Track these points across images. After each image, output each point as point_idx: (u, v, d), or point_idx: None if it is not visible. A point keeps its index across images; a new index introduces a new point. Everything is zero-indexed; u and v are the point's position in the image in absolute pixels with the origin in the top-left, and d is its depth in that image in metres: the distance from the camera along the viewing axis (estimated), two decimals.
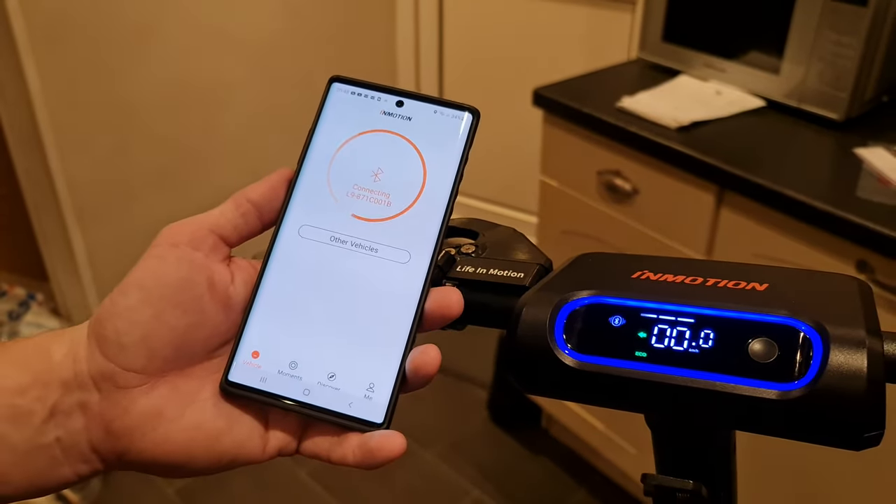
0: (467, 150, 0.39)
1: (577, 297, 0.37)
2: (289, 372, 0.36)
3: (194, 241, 0.36)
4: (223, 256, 0.37)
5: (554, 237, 1.59)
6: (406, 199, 0.38)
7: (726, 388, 0.33)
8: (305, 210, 0.38)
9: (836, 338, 0.32)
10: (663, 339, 0.35)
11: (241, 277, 0.37)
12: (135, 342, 0.34)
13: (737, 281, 0.37)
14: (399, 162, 0.38)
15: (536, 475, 1.81)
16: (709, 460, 0.38)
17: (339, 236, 0.38)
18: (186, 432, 0.34)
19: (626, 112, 1.36)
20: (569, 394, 0.36)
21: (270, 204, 0.38)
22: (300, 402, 0.36)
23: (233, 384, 0.36)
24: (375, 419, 0.36)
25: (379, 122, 0.39)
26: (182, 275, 0.35)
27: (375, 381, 0.36)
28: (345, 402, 0.36)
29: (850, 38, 1.24)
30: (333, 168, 0.39)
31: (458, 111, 0.39)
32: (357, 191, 0.38)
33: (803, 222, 1.14)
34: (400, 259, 0.37)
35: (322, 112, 0.39)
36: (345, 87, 0.40)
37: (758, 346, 0.33)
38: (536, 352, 0.36)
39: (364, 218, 0.38)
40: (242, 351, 0.36)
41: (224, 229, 0.37)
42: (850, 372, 0.31)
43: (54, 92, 1.73)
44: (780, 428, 0.33)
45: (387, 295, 0.37)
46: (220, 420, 0.35)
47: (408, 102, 0.39)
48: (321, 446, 0.36)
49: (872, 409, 0.31)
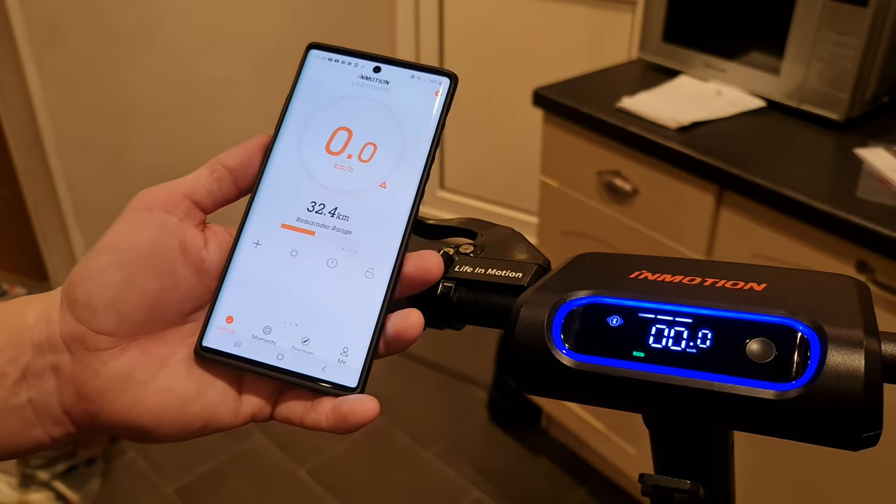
0: (444, 116, 0.39)
1: (575, 297, 0.37)
2: (263, 337, 0.36)
3: (168, 206, 0.36)
4: (197, 222, 0.37)
5: (554, 237, 1.59)
6: (383, 165, 0.38)
7: (724, 388, 0.33)
8: (280, 178, 0.38)
9: (834, 338, 0.32)
10: (661, 339, 0.35)
11: (215, 243, 0.37)
12: (105, 305, 0.34)
13: (735, 281, 0.37)
14: (376, 127, 0.38)
15: (536, 475, 1.81)
16: (706, 460, 0.38)
17: (315, 202, 0.38)
18: (157, 396, 0.34)
19: (627, 112, 1.36)
20: (566, 394, 0.36)
21: (246, 170, 0.38)
22: (274, 367, 0.36)
23: (207, 349, 0.36)
24: (349, 383, 0.36)
25: (356, 88, 0.39)
26: (154, 238, 0.35)
27: (349, 345, 0.36)
28: (318, 366, 0.36)
29: (851, 38, 1.24)
30: (308, 135, 0.39)
31: (436, 76, 0.39)
32: (333, 157, 0.38)
33: (803, 223, 1.14)
34: (375, 225, 0.37)
35: (299, 79, 0.39)
36: (322, 54, 0.40)
37: (755, 346, 0.33)
38: (534, 352, 0.36)
39: (340, 184, 0.38)
40: (217, 316, 0.36)
41: (198, 194, 0.37)
42: (848, 372, 0.31)
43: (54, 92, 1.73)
44: (778, 428, 0.33)
45: (362, 260, 0.37)
46: (191, 384, 0.35)
47: (385, 68, 0.39)
48: (295, 411, 0.36)
49: (870, 410, 0.31)
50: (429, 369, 2.09)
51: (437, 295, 0.41)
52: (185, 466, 1.79)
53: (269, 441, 1.86)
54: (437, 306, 0.41)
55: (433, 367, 2.10)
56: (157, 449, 1.80)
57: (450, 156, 2.53)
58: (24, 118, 1.74)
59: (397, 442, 1.89)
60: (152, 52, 1.85)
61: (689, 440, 0.38)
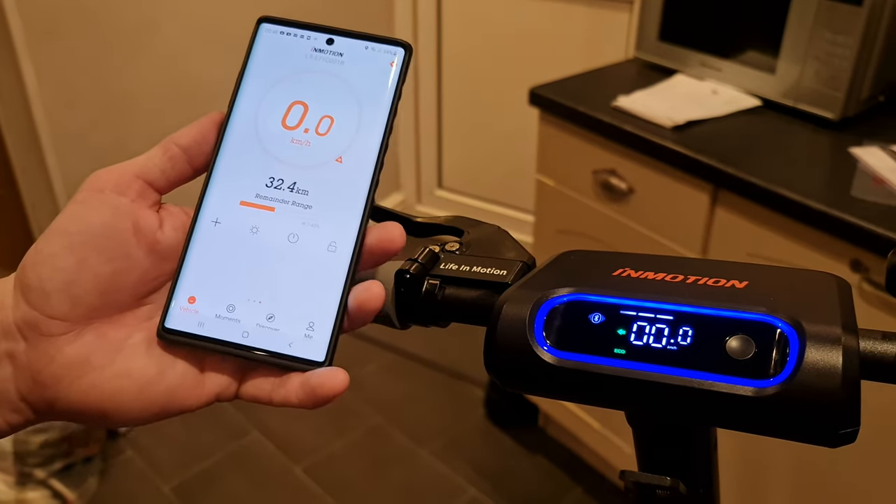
0: (400, 87, 0.38)
1: (557, 295, 0.37)
2: (226, 315, 0.36)
3: (119, 187, 0.35)
4: (151, 202, 0.36)
5: (550, 236, 1.59)
6: (341, 138, 0.37)
7: (703, 384, 0.33)
8: (237, 155, 0.37)
9: (812, 335, 0.32)
10: (642, 336, 0.35)
11: (170, 223, 0.36)
12: (58, 289, 0.33)
13: (717, 278, 0.37)
14: (332, 100, 0.38)
15: (533, 473, 1.81)
16: (689, 457, 0.38)
17: (273, 178, 0.37)
18: (115, 380, 0.34)
19: (622, 111, 1.36)
20: (548, 390, 0.36)
21: (200, 148, 0.37)
22: (239, 345, 0.35)
23: (170, 331, 0.35)
24: (317, 357, 0.35)
25: (309, 61, 0.38)
26: (105, 220, 0.34)
27: (315, 319, 0.36)
28: (284, 342, 0.35)
29: (846, 38, 1.24)
30: (263, 110, 0.38)
31: (391, 46, 0.38)
32: (289, 132, 0.38)
33: (798, 221, 1.14)
34: (335, 199, 0.37)
35: (251, 54, 0.39)
36: (274, 28, 0.39)
37: (735, 343, 0.33)
38: (516, 348, 0.36)
39: (298, 158, 0.37)
40: (178, 296, 0.36)
41: (151, 174, 0.36)
42: (826, 369, 0.32)
43: (51, 90, 1.73)
44: (757, 425, 0.33)
45: (323, 234, 0.36)
46: (150, 367, 0.35)
47: (338, 40, 0.38)
48: (262, 389, 0.36)
49: (848, 406, 0.31)
50: (425, 368, 2.10)
51: (423, 292, 0.41)
52: (182, 464, 1.79)
53: (265, 439, 1.86)
54: (422, 303, 0.42)
55: (430, 366, 2.10)
56: (155, 447, 1.80)
57: (447, 154, 2.53)
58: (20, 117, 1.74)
59: (394, 440, 1.89)
60: (150, 51, 1.86)
61: (672, 437, 0.38)
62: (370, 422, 1.93)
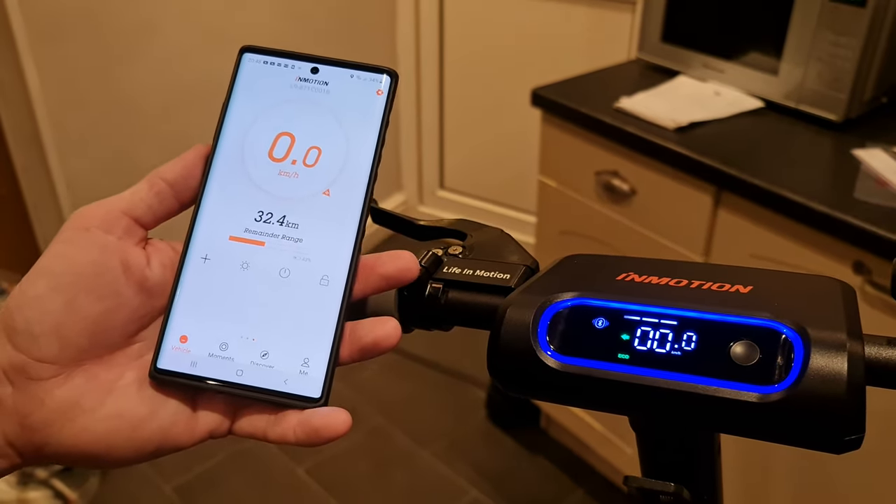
0: (388, 114, 0.38)
1: (561, 299, 0.37)
2: (220, 354, 0.35)
3: (105, 224, 0.35)
4: (138, 239, 0.36)
5: (552, 237, 1.59)
6: (329, 169, 0.37)
7: (707, 390, 0.33)
8: (224, 188, 0.37)
9: (817, 340, 0.32)
10: (646, 341, 0.35)
11: (158, 260, 0.36)
12: (46, 332, 0.33)
13: (721, 283, 0.37)
14: (318, 131, 0.37)
15: (534, 475, 1.81)
16: (692, 463, 0.38)
17: (262, 212, 0.37)
18: (106, 422, 0.33)
19: (624, 112, 1.36)
20: (551, 395, 0.36)
21: (186, 182, 0.37)
22: (234, 384, 0.35)
23: (162, 371, 0.35)
24: (313, 394, 0.35)
25: (294, 91, 0.38)
26: (93, 259, 0.34)
27: (310, 355, 0.35)
28: (279, 379, 0.35)
29: (849, 39, 1.24)
30: (250, 142, 0.37)
31: (376, 74, 0.38)
32: (277, 164, 0.37)
33: (800, 223, 1.14)
34: (325, 232, 0.36)
35: (234, 84, 0.38)
36: (257, 57, 0.38)
37: (739, 348, 0.33)
38: (519, 353, 0.36)
39: (286, 191, 0.37)
40: (170, 336, 0.35)
41: (137, 210, 0.36)
42: (831, 375, 0.31)
43: (54, 90, 1.73)
44: (761, 431, 0.33)
45: (315, 268, 0.36)
46: (141, 407, 0.34)
47: (323, 68, 0.38)
48: (257, 426, 0.35)
49: (853, 413, 0.31)
50: (428, 369, 2.09)
51: (426, 296, 0.41)
52: (184, 465, 1.79)
53: None
54: (425, 307, 0.41)
55: (432, 367, 2.10)
56: None
57: (449, 155, 2.53)
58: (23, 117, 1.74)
59: (396, 441, 1.89)
60: (152, 52, 1.86)
61: (675, 442, 0.38)
62: (372, 423, 1.93)
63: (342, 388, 2.00)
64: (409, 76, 2.43)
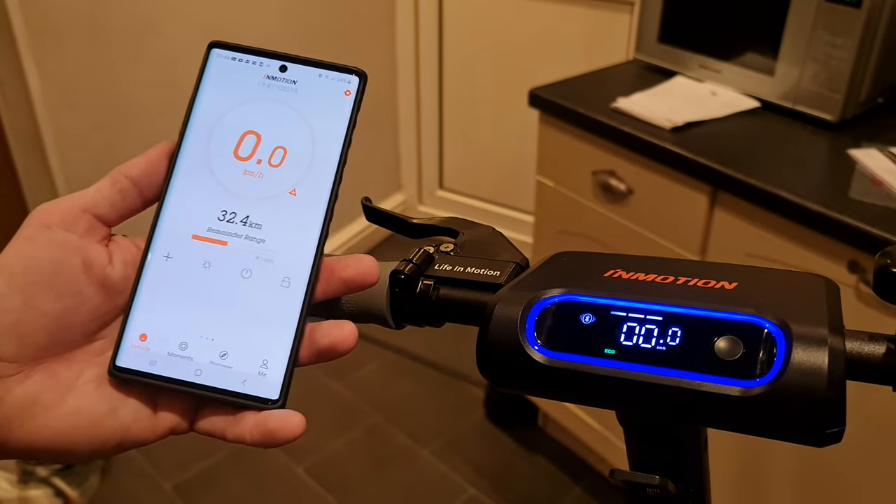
0: (355, 116, 0.37)
1: (549, 295, 0.37)
2: (179, 353, 0.35)
3: (66, 222, 0.35)
4: (101, 237, 0.36)
5: (550, 236, 1.60)
6: (294, 169, 0.37)
7: (691, 384, 0.34)
8: (188, 187, 0.37)
9: (799, 336, 0.33)
10: (632, 336, 0.35)
11: (120, 257, 0.36)
12: (5, 330, 0.33)
13: (707, 279, 0.37)
14: (285, 130, 0.37)
15: (532, 473, 1.81)
16: (679, 456, 0.39)
17: (226, 211, 0.37)
18: (66, 419, 0.33)
19: (621, 112, 1.36)
20: (539, 390, 0.37)
21: (150, 180, 0.37)
22: (192, 384, 0.35)
23: (121, 369, 0.35)
24: (271, 396, 0.35)
25: (262, 89, 0.38)
26: (54, 257, 0.34)
27: (269, 357, 0.35)
28: (238, 380, 0.35)
29: (845, 40, 1.24)
30: (215, 140, 0.37)
31: (345, 74, 0.38)
32: (242, 163, 0.37)
33: (796, 223, 1.14)
34: (289, 233, 0.36)
35: (201, 81, 0.38)
36: (225, 53, 0.38)
37: (723, 343, 0.34)
38: (507, 348, 0.37)
39: (251, 190, 0.37)
40: (129, 334, 0.35)
41: (100, 208, 0.36)
42: (812, 369, 0.32)
43: (54, 91, 1.74)
44: (744, 424, 0.33)
45: (277, 269, 0.36)
46: (101, 404, 0.34)
47: (291, 67, 0.38)
48: (216, 425, 0.35)
49: (833, 406, 0.32)
50: (426, 367, 2.10)
51: (417, 292, 0.42)
52: (184, 463, 1.80)
53: None
54: (416, 304, 0.42)
55: (430, 366, 2.10)
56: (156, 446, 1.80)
57: (448, 155, 2.54)
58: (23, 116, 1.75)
59: (394, 440, 1.89)
60: (152, 52, 1.86)
61: (662, 436, 0.39)
62: (370, 421, 1.94)
63: (341, 387, 2.01)
64: (409, 76, 2.44)
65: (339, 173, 0.37)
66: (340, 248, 2.38)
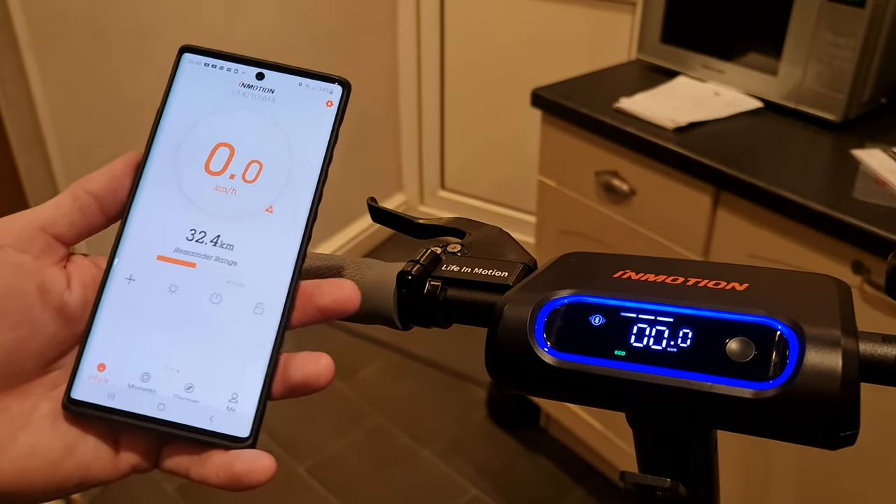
0: (337, 128, 0.35)
1: (558, 297, 0.37)
2: (140, 385, 0.32)
3: (21, 243, 0.31)
4: (58, 258, 0.33)
5: (552, 237, 1.59)
6: (270, 186, 0.34)
7: (703, 387, 0.33)
8: (154, 203, 0.34)
9: (812, 337, 0.32)
10: (642, 337, 0.35)
11: (79, 280, 0.33)
12: None
13: (717, 281, 0.37)
14: (261, 143, 0.34)
15: (534, 474, 1.81)
16: (689, 459, 0.39)
17: (195, 230, 0.34)
18: (20, 461, 0.30)
19: (624, 113, 1.36)
20: (548, 391, 0.37)
21: (114, 195, 0.34)
22: (154, 419, 0.32)
23: (76, 402, 0.32)
24: (240, 433, 0.32)
25: (237, 98, 0.35)
26: (6, 282, 0.30)
27: (239, 390, 0.32)
28: (205, 415, 0.32)
29: (848, 40, 1.24)
30: (185, 153, 0.34)
31: (327, 83, 0.35)
32: (213, 178, 0.34)
33: (800, 223, 1.14)
34: (263, 255, 0.33)
35: (171, 88, 0.35)
36: (197, 59, 0.35)
37: (735, 345, 0.34)
38: (517, 350, 0.36)
39: (222, 208, 0.34)
40: (86, 364, 0.32)
41: (58, 226, 0.32)
42: (825, 371, 0.32)
43: (56, 91, 1.74)
44: (756, 427, 0.33)
45: (249, 294, 0.33)
46: (57, 442, 0.31)
47: (269, 74, 0.35)
48: (181, 464, 0.32)
49: (847, 409, 0.31)
50: (428, 368, 2.10)
51: (425, 293, 0.42)
52: None
53: (268, 439, 1.87)
54: (424, 305, 0.42)
55: (432, 366, 2.10)
56: None
57: (450, 155, 2.54)
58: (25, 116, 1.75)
59: (396, 440, 1.89)
60: (155, 52, 1.86)
61: (672, 439, 0.38)
62: (372, 422, 1.93)
63: (343, 388, 2.01)
64: (411, 77, 2.43)
65: (319, 191, 0.34)
66: (344, 247, 2.38)
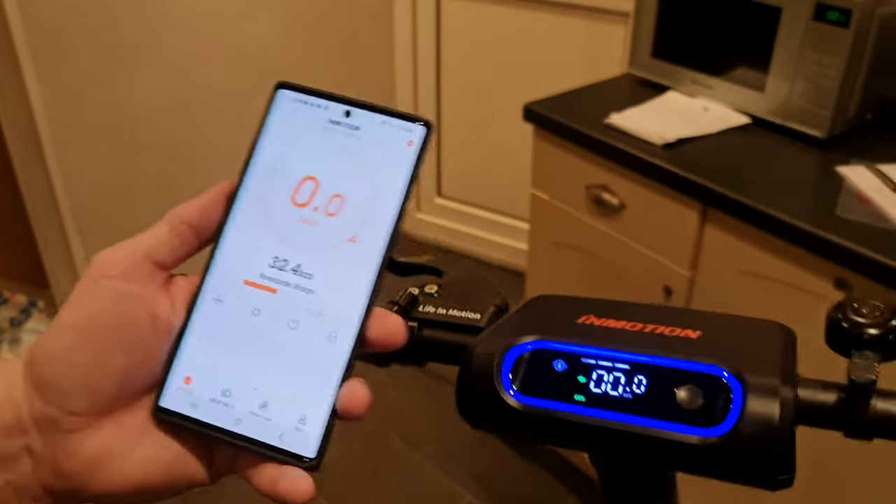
0: (418, 167, 0.36)
1: (523, 342, 0.39)
2: (221, 400, 0.35)
3: (128, 272, 0.34)
4: (161, 283, 0.35)
5: (544, 248, 1.62)
6: (350, 220, 0.36)
7: (653, 432, 0.35)
8: (244, 230, 0.36)
9: (753, 386, 0.35)
10: (601, 384, 0.37)
11: (181, 301, 0.36)
12: (75, 386, 0.33)
13: (673, 327, 0.39)
14: (344, 178, 0.36)
15: (528, 481, 1.83)
16: (648, 497, 0.41)
17: (277, 258, 0.36)
18: (138, 466, 0.34)
19: (614, 128, 1.38)
20: (514, 433, 0.39)
21: (207, 223, 0.36)
22: (231, 432, 0.34)
23: (164, 410, 0.34)
24: (306, 453, 0.34)
25: (324, 134, 0.37)
26: (119, 311, 0.33)
27: (307, 412, 0.34)
28: (276, 433, 0.34)
29: (832, 58, 1.26)
30: (275, 183, 0.36)
31: (410, 123, 0.36)
32: (298, 209, 0.36)
33: (784, 240, 1.16)
34: (339, 286, 0.35)
35: (266, 121, 0.37)
36: (291, 94, 0.37)
37: (684, 393, 0.36)
38: (484, 392, 0.39)
39: (304, 239, 0.36)
40: (175, 375, 0.35)
41: (159, 254, 0.35)
42: (764, 419, 0.34)
43: (55, 102, 1.76)
44: (703, 469, 0.35)
45: (325, 323, 0.35)
46: (170, 449, 0.34)
47: (356, 112, 0.37)
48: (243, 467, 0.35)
49: (783, 455, 0.34)
50: (423, 374, 2.12)
51: None
52: None
53: None
54: None
55: (427, 373, 2.12)
56: None
57: (446, 163, 2.56)
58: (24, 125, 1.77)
59: (391, 446, 1.91)
60: (153, 63, 1.88)
61: (632, 478, 0.41)
62: (367, 427, 1.96)
63: None
64: (407, 87, 2.46)
65: (397, 228, 0.35)
66: None
